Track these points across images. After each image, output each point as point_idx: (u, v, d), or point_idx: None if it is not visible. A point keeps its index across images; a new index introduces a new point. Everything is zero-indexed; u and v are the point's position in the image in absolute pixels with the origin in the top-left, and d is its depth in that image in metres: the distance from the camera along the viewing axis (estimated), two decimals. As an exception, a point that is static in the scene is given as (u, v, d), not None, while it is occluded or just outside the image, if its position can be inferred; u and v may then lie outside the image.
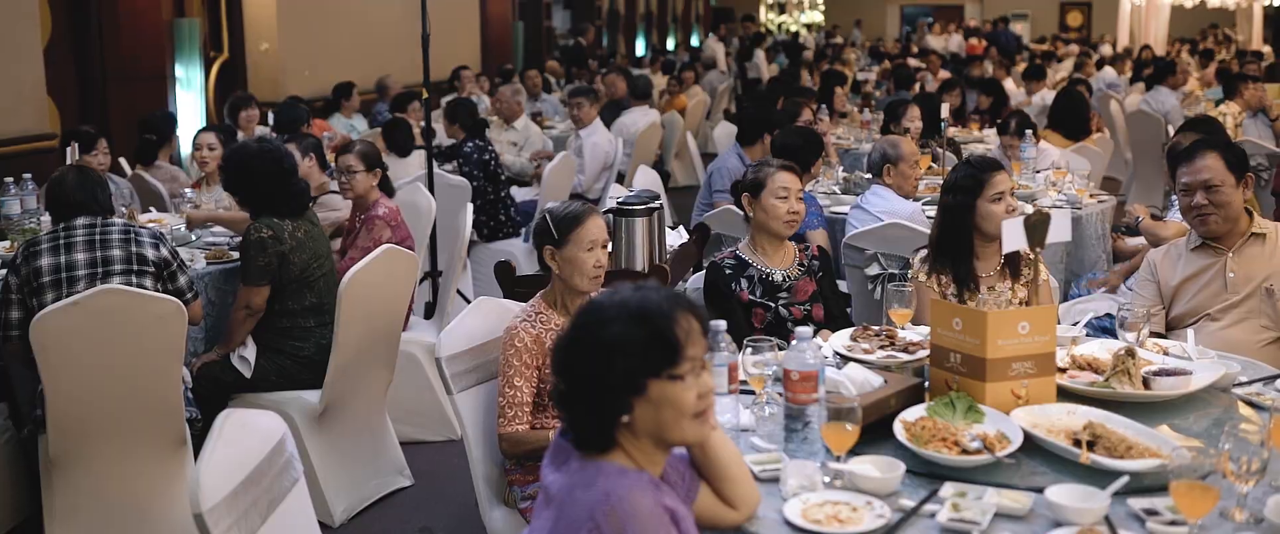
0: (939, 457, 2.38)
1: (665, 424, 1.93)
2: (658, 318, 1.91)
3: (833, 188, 6.04)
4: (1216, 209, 3.61)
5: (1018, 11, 29.52)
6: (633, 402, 1.91)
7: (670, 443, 1.98)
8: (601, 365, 1.90)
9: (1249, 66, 11.79)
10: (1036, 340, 2.65)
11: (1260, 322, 3.61)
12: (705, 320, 1.98)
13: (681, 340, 1.91)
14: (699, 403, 1.95)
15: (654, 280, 2.03)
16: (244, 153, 4.20)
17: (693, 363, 1.93)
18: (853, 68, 16.93)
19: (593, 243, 3.16)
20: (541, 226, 3.20)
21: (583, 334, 1.95)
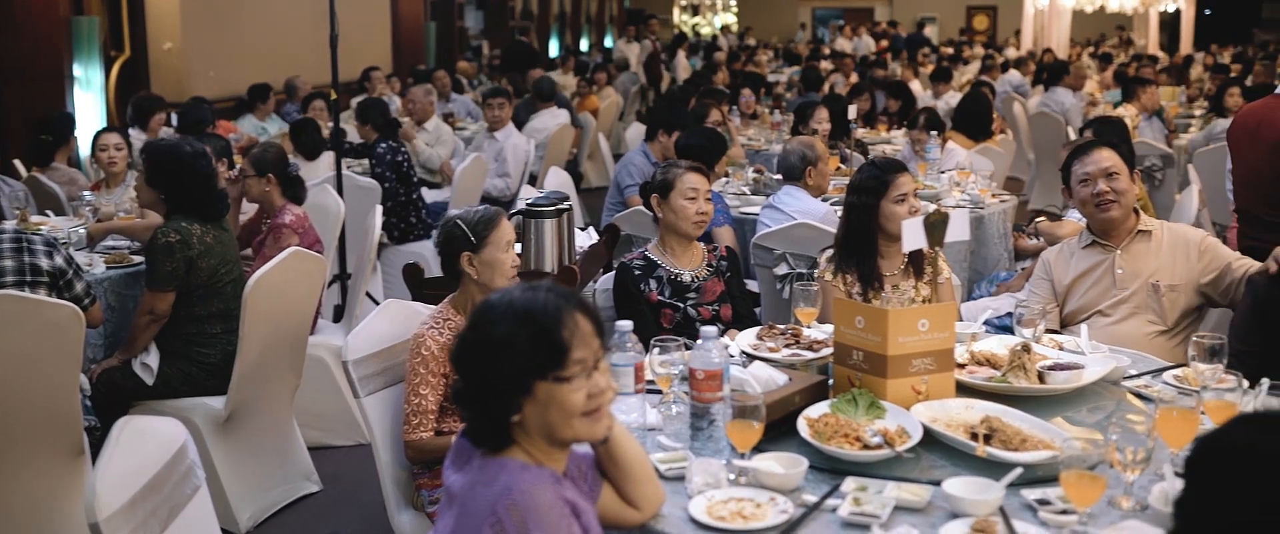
0: (841, 452, 2.43)
1: (554, 424, 1.94)
2: (544, 319, 1.91)
3: (742, 188, 6.10)
4: (1118, 195, 3.73)
5: (927, 15, 30.05)
6: (521, 402, 1.92)
7: (562, 442, 1.99)
8: (490, 365, 1.91)
9: (1145, 70, 12.15)
10: (936, 337, 2.71)
11: (1147, 316, 3.72)
12: (598, 321, 1.98)
13: (568, 342, 1.91)
14: (588, 403, 1.95)
15: (548, 280, 2.04)
16: (179, 152, 4.09)
17: (581, 364, 1.93)
18: (765, 69, 17.10)
19: (509, 243, 3.17)
20: (455, 234, 3.17)
21: (475, 333, 1.95)
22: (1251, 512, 1.42)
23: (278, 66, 11.05)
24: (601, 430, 2.01)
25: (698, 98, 8.38)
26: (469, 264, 3.16)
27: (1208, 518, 1.47)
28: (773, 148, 7.74)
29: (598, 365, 1.97)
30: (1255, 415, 1.57)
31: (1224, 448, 1.49)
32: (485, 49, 19.45)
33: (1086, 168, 3.76)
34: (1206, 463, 1.49)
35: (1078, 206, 3.81)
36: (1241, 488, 1.44)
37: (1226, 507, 1.44)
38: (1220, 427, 1.53)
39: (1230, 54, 20.56)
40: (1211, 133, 8.58)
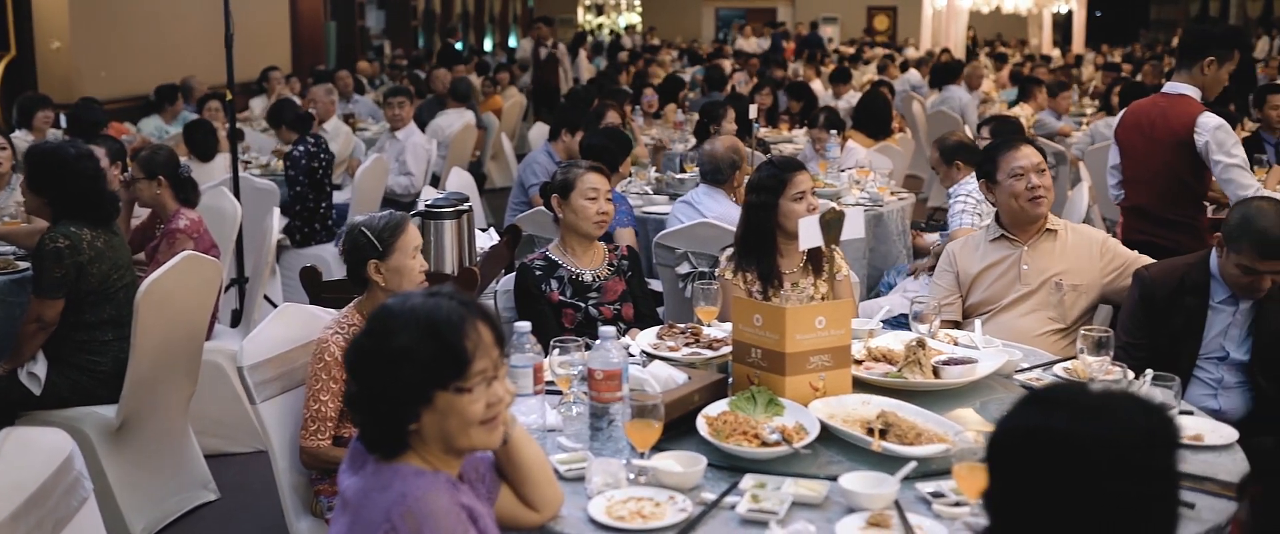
0: (739, 450, 2.45)
1: (452, 433, 1.92)
2: (446, 329, 1.89)
3: (645, 188, 6.11)
4: (1047, 191, 3.83)
5: (828, 15, 30.46)
6: (420, 411, 1.90)
7: (459, 451, 1.98)
8: (389, 374, 1.88)
9: (1038, 70, 12.46)
10: (833, 334, 2.75)
11: (1048, 313, 3.82)
12: (499, 329, 1.97)
13: (470, 353, 1.90)
14: (487, 411, 1.94)
15: (449, 286, 2.01)
16: (62, 154, 3.96)
17: (482, 374, 1.92)
18: (668, 68, 17.16)
19: (416, 249, 3.13)
20: (361, 241, 3.11)
21: (373, 341, 1.92)
22: (1055, 493, 1.45)
23: (173, 66, 10.79)
24: (498, 438, 2.00)
25: (599, 98, 8.39)
26: (376, 272, 3.11)
27: (1015, 505, 1.50)
28: (675, 147, 7.77)
29: (496, 374, 1.96)
30: (1038, 395, 1.57)
31: (1017, 433, 1.52)
32: (387, 49, 19.22)
33: (1020, 162, 3.83)
34: (1004, 451, 1.51)
35: (1006, 200, 3.86)
36: (1041, 471, 1.47)
37: (1031, 492, 1.47)
38: (1008, 412, 1.55)
39: (1120, 54, 21.17)
40: (1095, 131, 8.81)
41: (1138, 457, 1.47)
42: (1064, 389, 1.58)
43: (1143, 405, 1.53)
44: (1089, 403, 1.51)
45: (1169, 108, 4.61)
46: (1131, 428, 1.48)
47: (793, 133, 8.92)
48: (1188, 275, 3.50)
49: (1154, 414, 1.52)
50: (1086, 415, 1.49)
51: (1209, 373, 3.47)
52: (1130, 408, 1.51)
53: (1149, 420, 1.50)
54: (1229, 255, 3.35)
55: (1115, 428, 1.47)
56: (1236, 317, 3.44)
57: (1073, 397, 1.54)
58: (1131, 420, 1.49)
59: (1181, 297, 3.47)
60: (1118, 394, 1.55)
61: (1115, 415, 1.49)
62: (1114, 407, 1.51)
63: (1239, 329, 3.44)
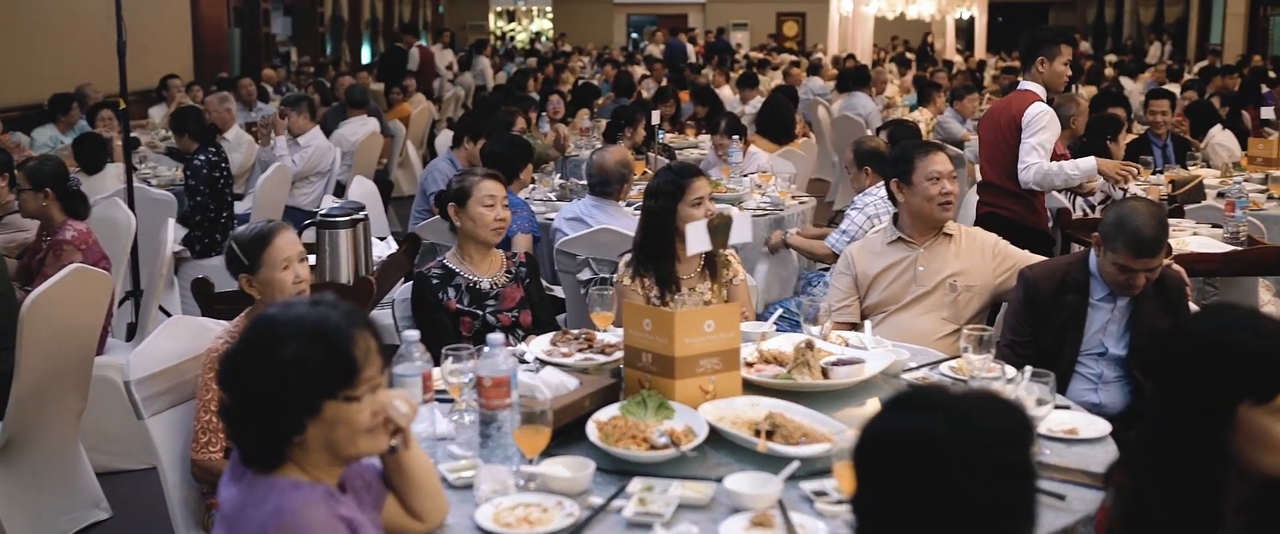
0: (627, 453, 2.47)
1: (339, 442, 1.92)
2: (336, 338, 1.88)
3: (548, 194, 6.11)
4: (955, 197, 3.94)
5: (738, 21, 30.72)
6: (306, 421, 1.89)
7: (345, 459, 1.97)
8: (275, 384, 1.86)
9: (938, 76, 12.71)
10: (722, 338, 2.78)
11: (943, 314, 3.91)
12: (380, 337, 1.98)
13: (360, 361, 1.90)
14: (373, 420, 1.94)
15: (330, 295, 2.00)
16: None
17: (370, 383, 1.92)
18: (578, 75, 17.18)
19: (287, 260, 3.09)
20: (230, 255, 3.10)
21: (256, 351, 1.90)
22: (915, 494, 1.49)
23: (69, 74, 10.51)
24: (383, 444, 2.01)
25: (503, 104, 8.37)
26: (248, 285, 3.08)
27: (879, 506, 1.52)
28: (582, 153, 7.79)
29: (381, 382, 1.96)
30: (901, 397, 1.59)
31: (879, 435, 1.55)
32: (294, 56, 18.95)
33: (936, 167, 3.91)
34: (867, 453, 1.54)
35: (917, 202, 3.93)
36: (902, 472, 1.51)
37: (893, 493, 1.50)
38: (873, 415, 1.58)
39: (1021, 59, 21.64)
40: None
41: (995, 456, 1.50)
42: (927, 391, 1.61)
43: (1001, 405, 1.57)
44: (948, 404, 1.55)
45: (1013, 100, 5.24)
46: (989, 428, 1.51)
47: (698, 138, 8.98)
48: (1069, 274, 3.60)
49: (1012, 414, 1.56)
50: (944, 416, 1.52)
51: (1089, 368, 3.58)
52: (988, 408, 1.55)
53: (1007, 420, 1.54)
54: (1106, 254, 3.46)
55: (972, 428, 1.51)
56: (1114, 313, 3.55)
57: (932, 399, 1.57)
58: (989, 421, 1.52)
59: (1063, 295, 3.58)
60: (977, 395, 1.59)
61: (973, 416, 1.53)
62: (972, 407, 1.54)
63: (1117, 325, 3.55)
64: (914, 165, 3.92)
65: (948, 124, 9.53)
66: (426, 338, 3.61)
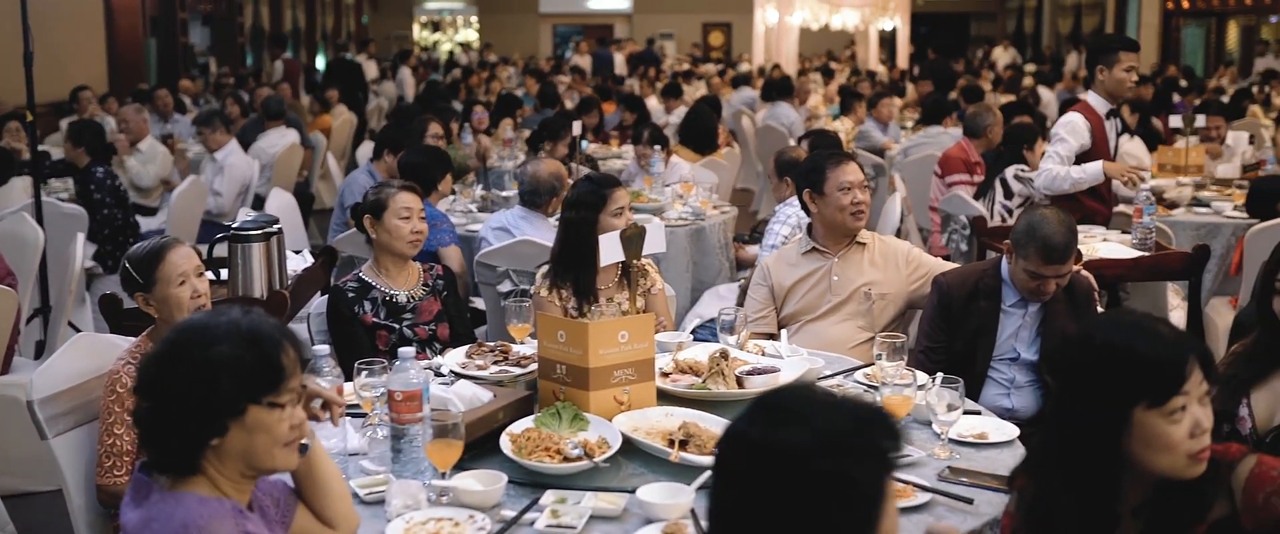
0: (540, 466, 2.46)
1: (257, 451, 1.91)
2: (268, 343, 1.90)
3: (470, 205, 6.08)
4: (867, 206, 3.97)
5: (665, 32, 30.82)
6: (228, 425, 1.88)
7: (259, 470, 1.95)
8: (203, 385, 1.86)
9: (861, 86, 12.87)
10: (636, 348, 2.79)
11: (858, 322, 3.95)
12: (306, 354, 1.98)
13: (287, 369, 1.91)
14: (291, 433, 1.94)
15: (245, 306, 2.00)
16: None
17: (293, 393, 1.93)
18: (504, 85, 17.11)
19: (183, 276, 3.02)
20: (124, 273, 3.04)
21: (183, 352, 1.89)
22: (769, 503, 1.48)
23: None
24: (296, 461, 2.02)
25: (420, 114, 8.31)
26: (145, 304, 3.02)
27: (729, 510, 1.52)
28: (504, 164, 7.75)
29: (300, 397, 1.98)
30: (763, 402, 1.58)
31: (730, 440, 1.55)
32: (213, 66, 18.65)
33: (848, 177, 3.93)
34: (725, 459, 1.54)
35: (830, 212, 3.96)
36: (744, 475, 1.51)
37: (749, 501, 1.50)
38: (734, 421, 1.58)
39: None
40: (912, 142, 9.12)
41: (840, 462, 1.48)
42: (784, 395, 1.60)
43: (854, 409, 1.54)
44: (800, 410, 1.53)
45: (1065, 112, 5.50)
46: (832, 432, 1.49)
47: (621, 148, 8.99)
48: (981, 281, 3.66)
49: (866, 420, 1.53)
50: (789, 421, 1.51)
51: (1002, 373, 3.64)
52: (839, 413, 1.53)
53: (858, 425, 1.51)
54: (1018, 261, 3.52)
55: (813, 433, 1.49)
56: (1026, 319, 3.61)
57: (786, 403, 1.56)
58: (835, 426, 1.50)
59: (975, 301, 3.63)
60: (831, 400, 1.56)
61: (819, 421, 1.50)
62: (820, 412, 1.52)
63: (1029, 331, 3.61)
64: (826, 176, 3.95)
65: (869, 133, 9.63)
66: (342, 352, 3.59)
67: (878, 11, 21.49)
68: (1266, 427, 2.69)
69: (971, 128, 7.02)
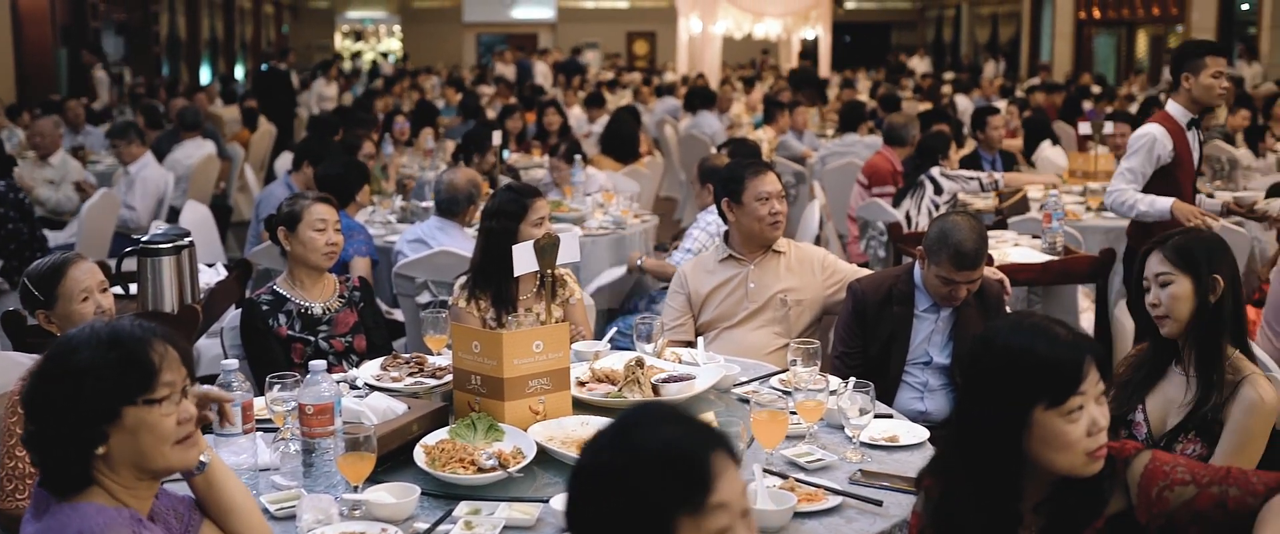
0: (454, 477, 2.45)
1: (146, 452, 1.88)
2: (130, 342, 1.88)
3: (389, 216, 6.03)
4: (784, 216, 4.01)
5: (589, 41, 30.86)
6: (107, 431, 1.85)
7: (154, 472, 1.93)
8: (72, 394, 1.84)
9: (783, 95, 12.98)
10: (551, 358, 2.79)
11: (775, 328, 3.98)
12: (185, 351, 1.95)
13: (157, 364, 1.88)
14: (180, 429, 1.92)
15: (130, 315, 1.98)
16: None
17: (170, 387, 1.90)
18: (431, 95, 17.01)
19: (86, 291, 2.97)
20: (23, 291, 2.98)
21: (51, 366, 1.87)
22: (595, 519, 1.50)
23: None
24: (194, 457, 1.99)
25: (346, 127, 8.23)
26: (46, 322, 2.97)
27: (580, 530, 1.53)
28: (426, 174, 7.72)
29: (186, 392, 1.94)
30: (614, 427, 1.57)
31: (587, 469, 1.55)
32: (127, 77, 18.30)
33: (766, 187, 3.97)
34: (577, 484, 1.55)
35: (748, 222, 3.98)
36: (582, 497, 1.52)
37: (585, 517, 1.52)
38: (586, 444, 1.58)
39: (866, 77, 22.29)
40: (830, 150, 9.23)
41: (664, 483, 1.48)
42: (639, 414, 1.59)
43: (687, 430, 1.53)
44: (632, 434, 1.54)
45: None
46: (662, 455, 1.50)
47: (543, 158, 8.98)
48: (895, 287, 3.72)
49: (700, 442, 1.53)
50: (622, 445, 1.52)
51: (916, 377, 3.69)
52: (671, 435, 1.52)
53: (690, 448, 1.51)
54: (930, 267, 3.58)
55: (640, 456, 1.50)
56: (938, 323, 3.68)
57: (624, 426, 1.56)
58: (667, 449, 1.50)
59: (889, 306, 3.69)
60: (668, 417, 1.55)
61: (649, 444, 1.51)
62: (650, 435, 1.52)
63: (941, 335, 3.67)
64: (744, 185, 3.98)
65: (790, 143, 9.73)
66: (257, 366, 3.56)
67: (799, 21, 21.72)
68: (1160, 431, 2.77)
69: (897, 137, 7.11)
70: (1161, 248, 2.82)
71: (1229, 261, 2.79)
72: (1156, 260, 2.81)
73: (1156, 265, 2.81)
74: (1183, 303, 2.74)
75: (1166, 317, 2.77)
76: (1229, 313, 2.75)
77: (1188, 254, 2.77)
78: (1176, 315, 2.75)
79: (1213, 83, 4.91)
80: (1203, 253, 2.78)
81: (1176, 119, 5.00)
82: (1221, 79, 4.94)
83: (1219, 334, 2.73)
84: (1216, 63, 4.92)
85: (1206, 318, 2.73)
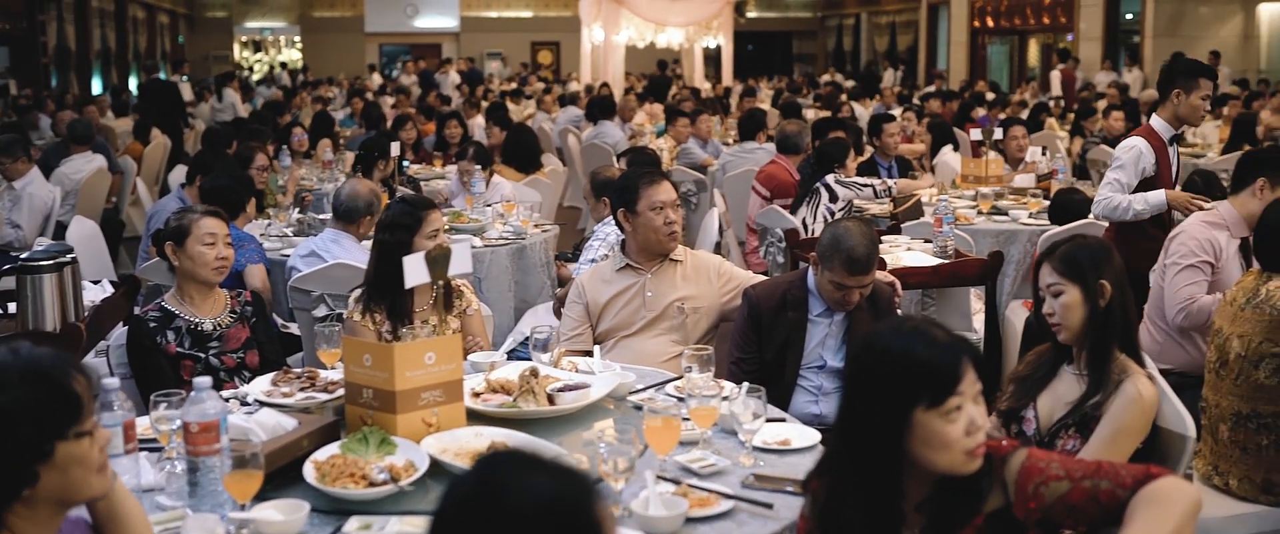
0: (344, 492, 2.42)
1: (73, 485, 1.84)
2: (56, 375, 1.81)
3: (285, 230, 5.94)
4: (680, 225, 4.04)
5: (493, 51, 30.73)
6: (38, 470, 1.79)
7: (73, 503, 1.88)
8: (2, 436, 1.76)
9: (686, 103, 13.06)
10: (444, 369, 2.77)
11: (672, 337, 4.01)
12: (91, 375, 1.90)
13: (81, 395, 1.83)
14: (101, 456, 1.88)
15: (24, 340, 1.91)
16: None
17: (94, 418, 1.86)
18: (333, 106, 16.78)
19: None
20: None
21: None
22: None
23: None
24: (109, 483, 1.94)
25: (241, 140, 8.09)
26: None
27: None
28: (325, 186, 7.61)
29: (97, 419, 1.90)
30: (476, 482, 1.54)
31: (457, 492, 1.53)
32: (12, 88, 17.73)
33: (661, 197, 3.99)
34: (445, 504, 1.53)
35: (643, 232, 4.00)
36: None
37: None
38: (444, 497, 1.55)
39: (768, 85, 22.54)
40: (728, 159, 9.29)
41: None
42: (500, 459, 1.56)
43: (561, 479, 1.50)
44: (487, 478, 1.51)
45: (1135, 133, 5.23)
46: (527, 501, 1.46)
47: (445, 169, 8.92)
48: (789, 292, 3.77)
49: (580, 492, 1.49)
50: (476, 489, 1.50)
51: (810, 381, 3.75)
52: (537, 482, 1.49)
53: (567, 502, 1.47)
54: (823, 272, 3.64)
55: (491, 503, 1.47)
56: (832, 328, 3.73)
57: (487, 468, 1.54)
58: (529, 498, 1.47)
59: (784, 312, 3.74)
60: (530, 464, 1.52)
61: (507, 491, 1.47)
62: (508, 481, 1.48)
63: (835, 339, 3.73)
64: (639, 195, 4.00)
65: (691, 151, 9.79)
66: (145, 384, 3.49)
67: (702, 30, 21.91)
68: (1048, 425, 2.87)
69: (791, 145, 7.20)
70: (1050, 259, 2.92)
71: (1115, 267, 2.89)
72: (1047, 272, 2.91)
73: (1048, 276, 2.90)
74: (1074, 311, 2.84)
75: (1061, 325, 2.86)
76: (1118, 316, 2.84)
77: (1074, 263, 2.87)
78: (1069, 324, 2.85)
79: (1200, 104, 5.04)
80: (1089, 261, 2.87)
81: (1160, 134, 5.08)
82: (1207, 102, 5.06)
83: (1109, 337, 2.83)
84: (1207, 86, 5.03)
85: (1097, 323, 2.83)
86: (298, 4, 31.39)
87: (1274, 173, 4.26)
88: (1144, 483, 1.98)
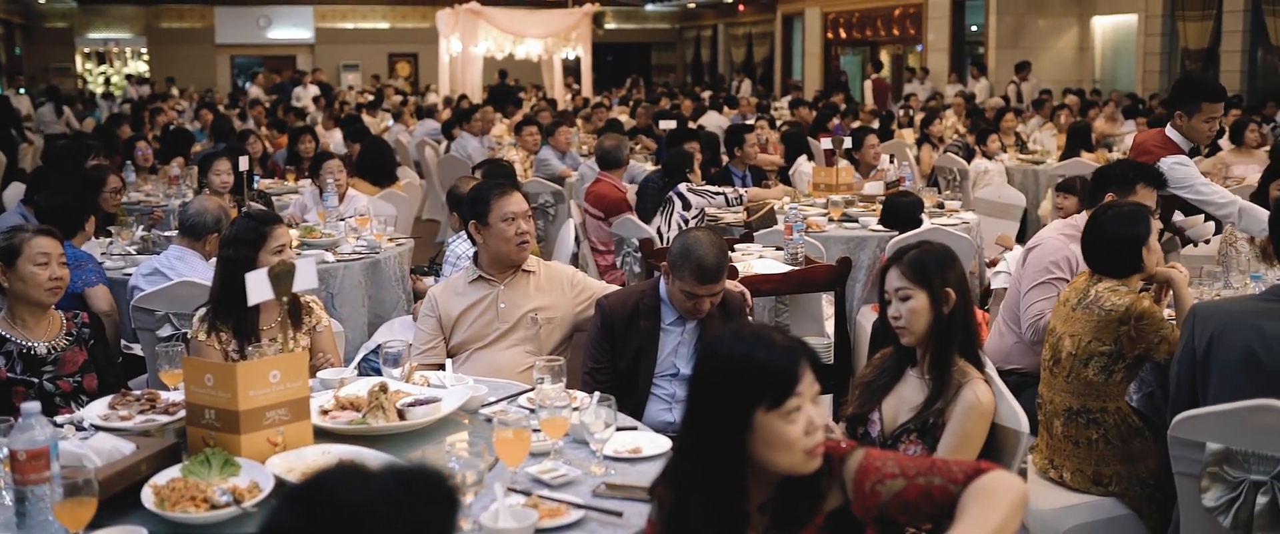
0: (184, 517, 2.37)
1: None
2: None
3: (128, 247, 5.75)
4: (532, 236, 4.03)
5: (349, 62, 30.25)
6: None
7: None
8: None
9: (542, 114, 13.09)
10: (289, 387, 2.73)
11: (527, 347, 4.01)
12: None
13: None
14: None
15: None
16: None
17: None
18: (177, 119, 16.28)
19: None
20: None
21: None
22: None
23: None
24: None
25: (82, 155, 7.80)
26: None
27: None
28: (171, 202, 7.39)
29: None
30: (333, 471, 1.54)
31: (309, 496, 1.52)
32: None
33: (511, 208, 3.98)
34: (290, 505, 1.52)
35: (495, 243, 3.98)
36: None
37: None
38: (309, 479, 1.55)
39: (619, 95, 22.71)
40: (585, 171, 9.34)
41: None
42: (326, 478, 1.54)
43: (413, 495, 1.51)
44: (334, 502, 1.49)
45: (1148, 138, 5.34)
46: None
47: (299, 183, 8.75)
48: (641, 301, 3.81)
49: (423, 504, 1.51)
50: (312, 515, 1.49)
51: (664, 389, 3.79)
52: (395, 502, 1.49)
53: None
54: (675, 281, 3.69)
55: None
56: (684, 336, 3.78)
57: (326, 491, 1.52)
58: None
59: (636, 321, 3.77)
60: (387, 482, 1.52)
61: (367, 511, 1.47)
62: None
63: (687, 348, 3.78)
64: (490, 206, 4.00)
65: (549, 162, 9.79)
66: (-29, 411, 3.32)
67: (560, 41, 21.96)
68: (892, 428, 2.95)
69: (611, 160, 7.23)
70: (898, 264, 3.01)
71: (959, 273, 2.99)
72: (895, 276, 2.99)
73: (895, 280, 2.99)
74: (920, 316, 2.93)
75: (906, 328, 2.95)
76: (960, 322, 2.95)
77: (922, 268, 2.96)
78: (913, 328, 2.94)
79: (1204, 127, 5.12)
80: (936, 266, 2.97)
81: (1180, 146, 5.16)
82: (1213, 123, 5.12)
83: (951, 342, 2.93)
84: (1212, 109, 5.10)
85: (941, 328, 2.92)
86: (144, 14, 30.38)
87: (1120, 187, 4.46)
88: (974, 478, 2.06)
